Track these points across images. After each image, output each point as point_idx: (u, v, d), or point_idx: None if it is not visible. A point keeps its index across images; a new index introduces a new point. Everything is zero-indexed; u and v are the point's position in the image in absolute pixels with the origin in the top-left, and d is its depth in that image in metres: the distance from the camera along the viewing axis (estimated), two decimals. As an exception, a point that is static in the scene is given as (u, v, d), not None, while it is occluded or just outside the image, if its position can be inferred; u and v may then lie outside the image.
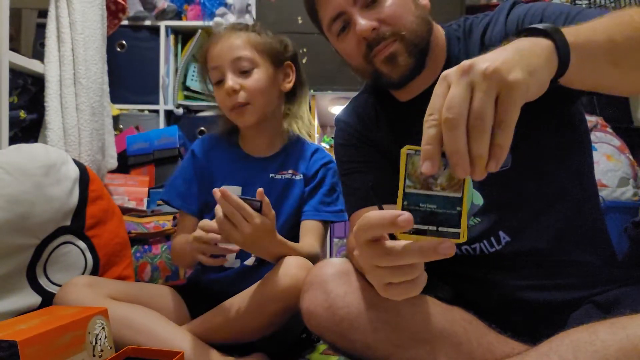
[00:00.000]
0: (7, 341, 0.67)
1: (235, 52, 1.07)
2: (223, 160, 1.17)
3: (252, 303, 0.93)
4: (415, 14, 0.79)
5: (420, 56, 0.80)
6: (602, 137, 1.61)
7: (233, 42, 1.08)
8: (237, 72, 1.07)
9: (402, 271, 0.46)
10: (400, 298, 0.49)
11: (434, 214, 0.45)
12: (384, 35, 0.78)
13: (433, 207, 0.45)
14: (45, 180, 1.06)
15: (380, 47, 0.78)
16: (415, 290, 0.48)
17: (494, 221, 0.79)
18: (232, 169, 1.15)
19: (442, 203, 0.45)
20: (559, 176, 0.77)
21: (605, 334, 0.56)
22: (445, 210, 0.45)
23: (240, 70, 1.07)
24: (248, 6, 2.15)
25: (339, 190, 1.18)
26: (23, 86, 1.38)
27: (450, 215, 0.44)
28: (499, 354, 0.70)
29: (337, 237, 2.63)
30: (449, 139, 0.42)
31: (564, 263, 0.77)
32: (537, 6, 0.75)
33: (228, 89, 1.05)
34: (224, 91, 1.07)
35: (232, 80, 1.06)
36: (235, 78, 1.07)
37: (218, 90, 1.10)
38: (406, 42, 0.78)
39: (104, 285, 1.02)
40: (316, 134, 2.17)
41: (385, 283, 0.48)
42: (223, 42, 1.09)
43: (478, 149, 0.42)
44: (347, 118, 0.95)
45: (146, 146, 1.94)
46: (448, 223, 0.44)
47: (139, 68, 2.18)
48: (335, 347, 0.79)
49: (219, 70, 1.08)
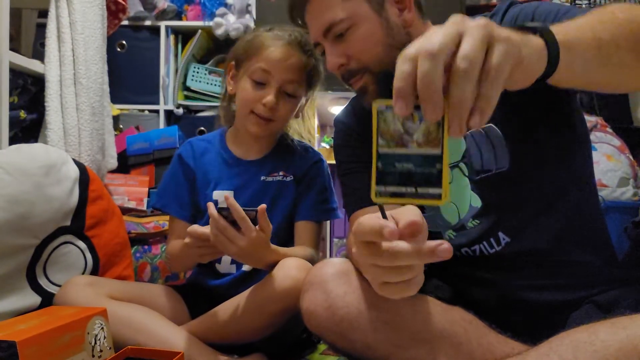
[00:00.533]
0: (6, 341, 0.67)
1: (292, 74, 1.05)
2: (214, 164, 1.14)
3: (252, 304, 0.93)
4: (385, 43, 0.79)
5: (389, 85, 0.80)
6: (602, 137, 1.61)
7: (295, 62, 1.05)
8: (282, 92, 1.06)
9: (399, 271, 0.46)
10: (396, 297, 0.49)
11: (412, 174, 0.41)
12: (351, 71, 0.81)
13: (410, 166, 0.41)
14: (45, 181, 1.06)
15: (353, 81, 0.82)
16: (412, 290, 0.48)
17: (493, 222, 0.79)
18: (223, 173, 1.13)
19: (420, 161, 0.40)
20: (559, 177, 0.77)
21: (605, 334, 0.56)
22: (424, 169, 0.40)
23: (286, 92, 1.06)
24: (248, 6, 2.14)
25: (330, 188, 1.17)
26: (23, 86, 1.38)
27: (429, 175, 0.40)
28: (499, 354, 0.70)
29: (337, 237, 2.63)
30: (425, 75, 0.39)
31: (564, 263, 0.77)
32: (530, 6, 0.75)
33: (269, 102, 1.03)
34: (261, 96, 1.04)
35: (275, 97, 1.04)
36: (279, 96, 1.05)
37: (253, 89, 1.05)
38: (374, 74, 0.80)
39: (104, 284, 1.03)
40: (316, 134, 2.17)
41: (382, 282, 0.48)
42: (288, 56, 1.05)
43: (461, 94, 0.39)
44: (346, 119, 0.96)
45: (146, 146, 1.94)
46: (428, 183, 0.40)
47: (139, 68, 2.18)
48: (335, 347, 0.78)
49: (269, 75, 1.04)
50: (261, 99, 1.04)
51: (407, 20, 0.81)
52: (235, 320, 0.94)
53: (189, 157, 1.15)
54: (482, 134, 0.78)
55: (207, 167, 1.14)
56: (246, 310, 0.93)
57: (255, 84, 1.05)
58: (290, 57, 1.05)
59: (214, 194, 1.11)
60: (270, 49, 1.05)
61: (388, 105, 0.41)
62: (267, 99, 1.03)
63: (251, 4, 2.16)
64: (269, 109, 1.04)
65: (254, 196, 1.09)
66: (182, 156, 1.16)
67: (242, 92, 1.08)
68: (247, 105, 1.07)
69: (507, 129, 0.76)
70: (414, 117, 0.41)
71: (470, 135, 0.79)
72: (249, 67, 1.06)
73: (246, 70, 1.07)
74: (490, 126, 0.77)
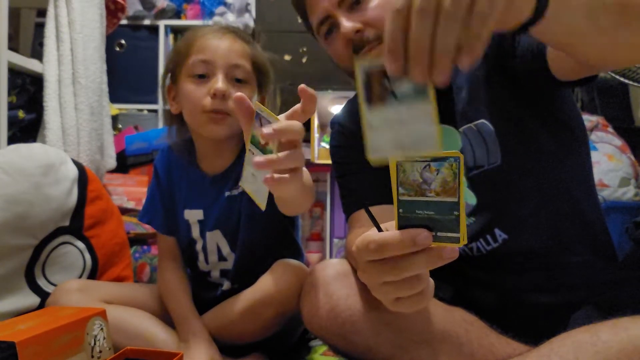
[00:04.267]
0: (5, 342, 0.66)
1: (234, 58, 0.95)
2: (182, 182, 1.05)
3: (246, 309, 0.91)
4: None
5: None
6: (603, 137, 1.60)
7: (234, 46, 0.96)
8: (229, 78, 0.94)
9: (410, 284, 0.46)
10: (412, 310, 0.49)
11: (432, 220, 0.44)
12: (367, 38, 0.78)
13: (430, 213, 0.44)
14: (44, 180, 1.06)
15: (365, 50, 0.79)
16: (425, 301, 0.48)
17: (489, 219, 0.78)
18: (191, 193, 1.04)
19: (439, 208, 0.43)
20: (555, 173, 0.77)
21: (606, 334, 0.56)
22: (443, 215, 0.43)
23: (234, 78, 0.95)
24: (247, 5, 2.14)
25: None
26: (22, 86, 1.38)
27: (448, 220, 0.43)
28: (500, 355, 0.70)
29: (337, 238, 2.63)
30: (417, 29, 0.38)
31: (564, 264, 0.77)
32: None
33: (219, 90, 0.91)
34: (207, 89, 0.93)
35: (224, 84, 0.92)
36: (227, 83, 0.93)
37: (197, 85, 0.94)
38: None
39: (96, 288, 1.01)
40: (316, 133, 2.16)
41: (394, 298, 0.48)
42: (223, 41, 0.96)
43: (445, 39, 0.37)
44: (343, 120, 0.95)
45: (145, 146, 1.93)
46: (446, 228, 0.43)
47: (138, 67, 2.18)
48: (337, 349, 0.78)
49: (208, 65, 0.94)
50: (209, 92, 0.92)
51: None
52: (230, 324, 0.93)
53: (162, 171, 1.07)
54: (474, 130, 0.78)
55: (176, 184, 1.06)
56: (241, 315, 0.91)
57: (197, 80, 0.94)
58: (228, 40, 0.96)
59: (185, 213, 1.04)
60: (206, 36, 0.96)
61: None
62: (215, 87, 0.91)
63: (250, 3, 2.15)
64: (219, 98, 0.92)
65: (221, 214, 1.01)
66: (157, 168, 1.08)
67: (186, 96, 0.95)
68: (195, 105, 0.94)
69: (498, 124, 0.76)
70: (431, 169, 0.43)
71: (463, 132, 0.79)
72: (186, 68, 0.95)
73: (184, 73, 0.96)
74: (482, 122, 0.77)
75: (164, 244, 1.07)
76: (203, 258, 1.05)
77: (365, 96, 0.41)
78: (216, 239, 1.03)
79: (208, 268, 1.06)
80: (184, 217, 1.04)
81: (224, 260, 1.03)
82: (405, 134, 0.41)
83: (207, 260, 1.04)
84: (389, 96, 0.40)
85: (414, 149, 0.41)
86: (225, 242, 1.02)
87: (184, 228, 1.04)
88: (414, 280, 0.46)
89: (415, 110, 0.40)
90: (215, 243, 1.03)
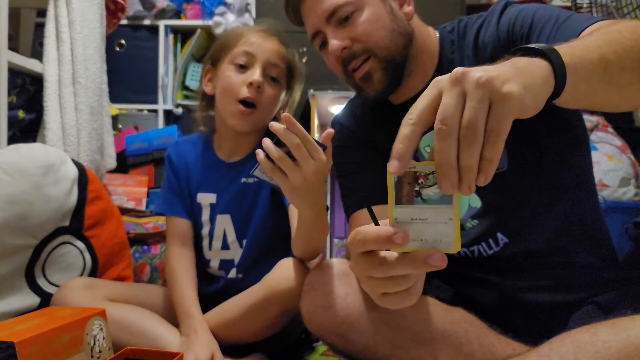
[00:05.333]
0: (5, 342, 0.66)
1: (274, 57, 1.04)
2: (197, 167, 1.12)
3: (250, 307, 0.92)
4: (390, 28, 0.80)
5: (394, 72, 0.81)
6: (603, 137, 1.60)
7: (275, 47, 1.06)
8: (265, 74, 1.04)
9: (396, 282, 0.46)
10: (396, 307, 0.49)
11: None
12: (355, 54, 0.80)
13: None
14: (44, 181, 1.06)
15: (354, 64, 0.81)
16: (410, 300, 0.48)
17: (492, 223, 0.78)
18: (205, 177, 1.11)
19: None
20: (558, 177, 0.77)
21: (606, 334, 0.56)
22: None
23: (269, 76, 1.04)
24: (247, 5, 2.14)
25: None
26: (22, 86, 1.37)
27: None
28: (500, 355, 0.70)
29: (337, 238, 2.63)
30: (440, 149, 0.41)
31: (564, 264, 0.77)
32: (528, 9, 0.74)
33: (255, 81, 1.00)
34: (245, 78, 1.02)
35: (260, 76, 1.01)
36: (264, 78, 1.03)
37: (236, 73, 1.03)
38: (379, 59, 0.79)
39: (102, 286, 1.02)
40: (316, 133, 2.16)
41: (381, 293, 0.48)
42: (268, 40, 1.05)
43: (468, 160, 0.40)
44: (344, 120, 0.95)
45: (145, 146, 1.93)
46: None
47: (138, 67, 2.18)
48: (335, 348, 0.78)
49: (252, 57, 1.03)
50: (246, 81, 1.01)
51: (408, 14, 0.83)
52: (234, 322, 0.94)
53: (176, 159, 1.14)
54: None
55: (191, 169, 1.12)
56: (245, 313, 0.93)
57: (238, 68, 1.04)
58: (271, 41, 1.06)
59: (198, 197, 1.10)
60: (252, 33, 1.07)
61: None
62: (253, 78, 1.01)
63: (250, 3, 2.15)
64: (255, 89, 1.01)
65: (233, 200, 1.07)
66: (171, 157, 1.15)
67: (224, 80, 1.05)
68: (231, 91, 1.03)
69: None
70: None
71: None
72: (231, 56, 1.05)
73: (227, 60, 1.06)
74: None
75: (174, 228, 1.10)
76: (207, 243, 1.09)
77: (395, 196, 0.45)
78: (224, 224, 1.08)
79: (209, 256, 1.09)
80: (196, 200, 1.09)
81: (226, 249, 1.07)
82: (426, 231, 0.44)
83: (210, 246, 1.09)
84: (416, 197, 0.44)
85: (432, 245, 0.44)
86: (232, 229, 1.08)
87: (195, 211, 1.10)
88: (399, 279, 0.46)
89: (438, 212, 0.44)
90: (222, 228, 1.08)
